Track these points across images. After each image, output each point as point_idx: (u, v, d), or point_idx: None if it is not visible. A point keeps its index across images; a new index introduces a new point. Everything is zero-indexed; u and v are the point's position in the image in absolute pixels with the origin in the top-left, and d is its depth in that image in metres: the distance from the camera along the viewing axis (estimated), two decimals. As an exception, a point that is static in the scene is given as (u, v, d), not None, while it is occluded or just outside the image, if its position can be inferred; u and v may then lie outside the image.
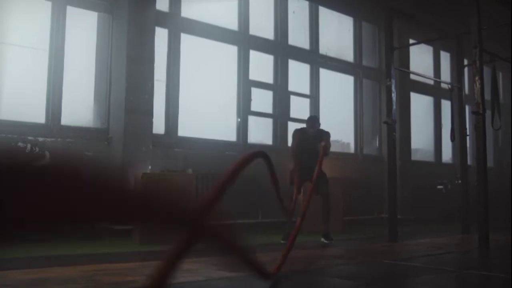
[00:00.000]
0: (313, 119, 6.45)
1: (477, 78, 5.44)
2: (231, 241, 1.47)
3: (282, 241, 5.98)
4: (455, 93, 7.68)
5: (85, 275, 3.40)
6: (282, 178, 6.63)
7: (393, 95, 6.24)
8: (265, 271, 2.78)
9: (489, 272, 4.45)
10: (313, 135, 6.27)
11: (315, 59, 9.27)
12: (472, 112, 5.57)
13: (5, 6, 6.08)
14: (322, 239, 6.10)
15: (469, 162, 8.20)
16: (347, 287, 3.47)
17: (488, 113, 6.97)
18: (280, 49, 8.71)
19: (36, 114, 6.16)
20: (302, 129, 6.43)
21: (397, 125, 9.45)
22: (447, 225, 8.56)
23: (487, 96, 7.05)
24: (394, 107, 6.27)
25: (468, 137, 7.66)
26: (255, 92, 8.21)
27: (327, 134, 6.33)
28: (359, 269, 4.24)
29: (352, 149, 10.02)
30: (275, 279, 3.31)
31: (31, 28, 6.27)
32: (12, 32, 6.13)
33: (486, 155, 5.49)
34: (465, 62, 8.39)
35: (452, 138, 7.48)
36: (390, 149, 6.33)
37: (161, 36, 7.12)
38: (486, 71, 7.82)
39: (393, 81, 6.24)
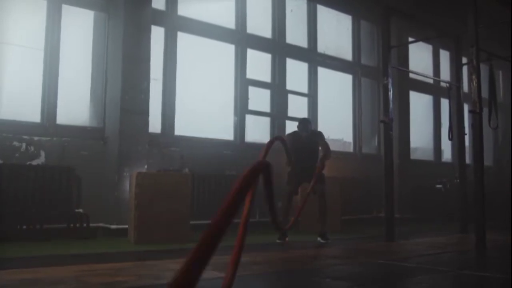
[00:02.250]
0: (305, 122, 6.39)
1: (474, 77, 5.40)
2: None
3: (277, 241, 5.96)
4: (453, 92, 7.64)
5: (75, 275, 3.37)
6: (280, 178, 6.60)
7: (390, 93, 6.20)
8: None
9: (485, 273, 4.41)
10: (307, 137, 6.26)
11: (313, 57, 9.23)
12: (469, 111, 5.53)
13: (0, 5, 6.05)
14: (319, 239, 6.07)
15: (468, 161, 8.15)
16: (340, 287, 3.44)
17: (487, 112, 6.93)
18: (278, 47, 8.67)
19: (31, 113, 6.14)
20: (294, 132, 6.39)
21: (396, 123, 9.46)
22: (446, 225, 8.52)
23: (485, 95, 7.01)
24: (391, 105, 6.23)
25: (466, 136, 7.62)
26: (253, 91, 8.17)
27: (321, 136, 6.31)
28: (353, 269, 4.20)
29: (351, 148, 9.99)
30: None
31: (26, 27, 6.24)
32: (7, 31, 6.10)
33: (483, 154, 5.45)
34: (465, 61, 8.35)
35: (450, 137, 7.44)
36: (387, 147, 6.29)
37: (157, 34, 7.09)
38: (485, 70, 7.79)
39: (390, 79, 6.20)
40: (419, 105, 11.22)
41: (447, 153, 11.93)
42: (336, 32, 9.87)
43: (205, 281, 3.34)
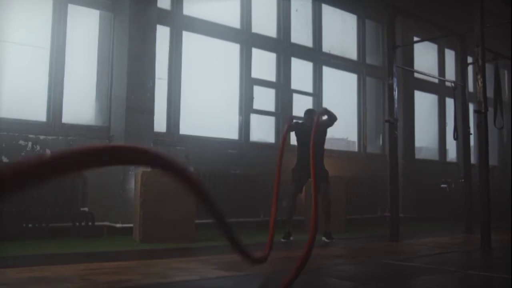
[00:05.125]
0: (311, 112, 6.41)
1: (479, 76, 5.39)
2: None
3: (282, 240, 5.97)
4: (458, 92, 7.62)
5: (81, 273, 3.39)
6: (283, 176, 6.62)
7: (395, 93, 6.19)
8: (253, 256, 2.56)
9: (490, 273, 4.40)
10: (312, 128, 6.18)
11: (318, 57, 9.22)
12: (474, 111, 5.52)
13: (6, 4, 6.08)
14: (323, 238, 6.07)
15: (473, 161, 8.14)
16: (345, 287, 3.44)
17: (492, 111, 6.92)
18: (283, 47, 8.67)
19: (37, 112, 6.17)
20: (301, 123, 6.39)
21: (401, 123, 9.43)
22: (451, 224, 8.51)
23: (491, 94, 7.00)
24: (396, 105, 6.22)
25: (471, 136, 7.60)
26: (258, 90, 8.17)
27: (326, 121, 6.24)
28: (358, 269, 4.21)
29: (355, 148, 9.98)
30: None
31: (32, 26, 6.27)
32: (13, 30, 6.13)
33: (488, 154, 5.44)
34: (470, 60, 8.33)
35: (455, 137, 7.42)
36: (391, 147, 6.28)
37: (163, 34, 7.10)
38: (491, 69, 7.76)
39: (395, 79, 6.19)
40: (424, 104, 11.19)
41: (452, 153, 11.89)
42: (341, 32, 9.85)
43: (207, 280, 3.36)
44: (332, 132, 10.19)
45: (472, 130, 7.50)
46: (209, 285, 3.27)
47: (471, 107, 8.07)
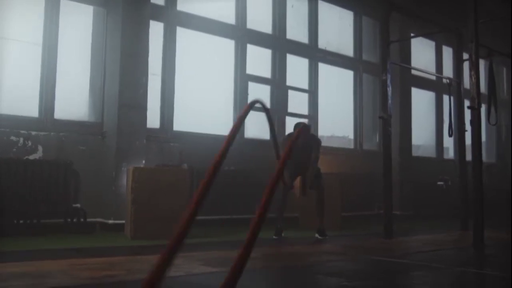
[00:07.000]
0: (300, 126, 6.35)
1: (472, 72, 5.35)
2: None
3: (274, 237, 5.94)
4: (454, 88, 7.59)
5: (64, 269, 3.37)
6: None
7: (389, 89, 6.15)
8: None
9: (480, 270, 4.38)
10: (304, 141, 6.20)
11: (314, 53, 9.18)
12: (468, 107, 5.48)
13: (-2, -1, 6.05)
14: (317, 235, 6.05)
15: (469, 157, 8.10)
16: (330, 283, 3.41)
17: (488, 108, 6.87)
18: (278, 43, 8.63)
19: (29, 107, 6.13)
20: (291, 134, 6.38)
21: (398, 120, 9.40)
22: (449, 222, 8.47)
23: (486, 91, 6.95)
24: (390, 101, 6.18)
25: (467, 133, 7.56)
26: (252, 86, 8.13)
27: (317, 143, 6.25)
28: (346, 265, 4.18)
29: (352, 145, 9.94)
30: None
31: (24, 22, 6.23)
32: (5, 25, 6.10)
33: (481, 150, 5.41)
34: (466, 56, 8.28)
35: (450, 134, 7.39)
36: (385, 143, 6.25)
37: (156, 30, 7.06)
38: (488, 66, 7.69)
39: (388, 75, 6.15)
40: (422, 102, 11.15)
41: (452, 151, 11.85)
42: (338, 28, 9.81)
43: (193, 276, 3.34)
44: (332, 131, 10.19)
45: (468, 127, 7.46)
46: (194, 280, 3.24)
47: (467, 104, 8.03)
